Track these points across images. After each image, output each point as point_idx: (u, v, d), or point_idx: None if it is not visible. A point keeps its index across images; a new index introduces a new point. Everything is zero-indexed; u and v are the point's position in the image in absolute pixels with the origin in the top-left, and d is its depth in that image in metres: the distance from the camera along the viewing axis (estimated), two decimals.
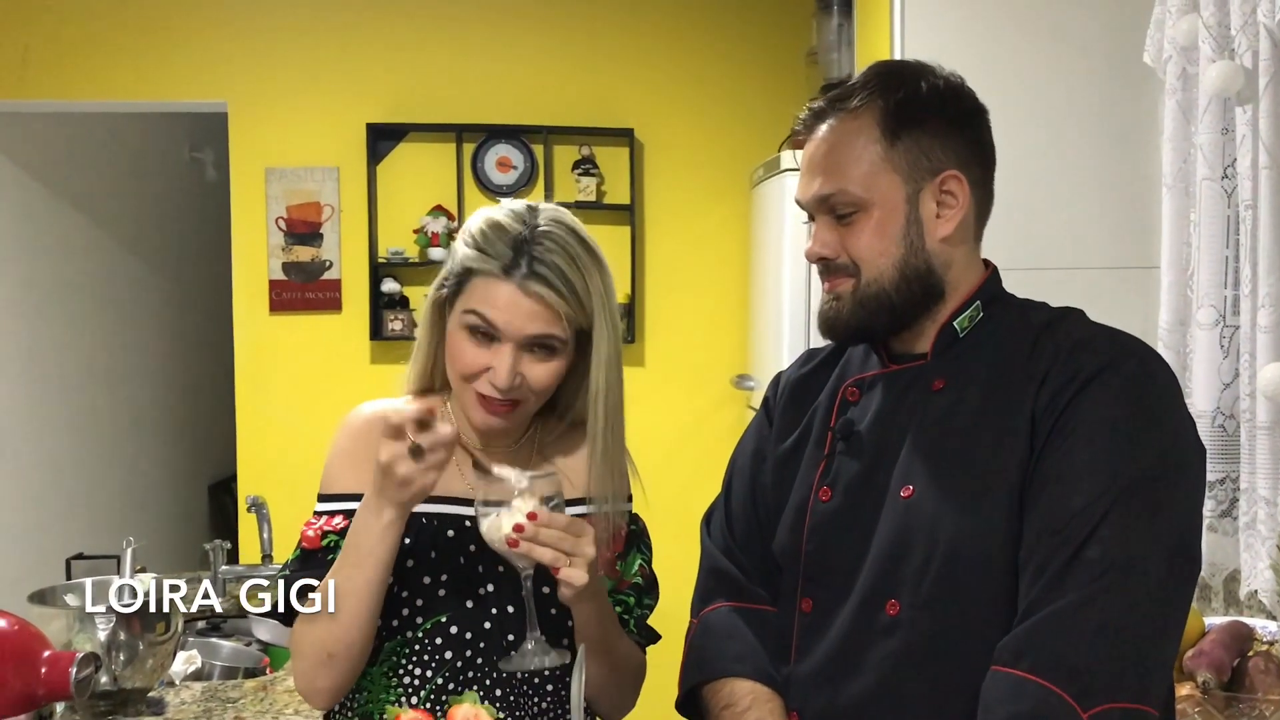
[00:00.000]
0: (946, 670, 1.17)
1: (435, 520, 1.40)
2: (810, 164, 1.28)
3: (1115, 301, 2.34)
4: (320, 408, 3.84)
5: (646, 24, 4.00)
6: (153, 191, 4.96)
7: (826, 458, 1.32)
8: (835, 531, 1.28)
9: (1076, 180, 2.47)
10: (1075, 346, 1.19)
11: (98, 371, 4.55)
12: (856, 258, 1.25)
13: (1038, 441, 1.16)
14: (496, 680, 1.40)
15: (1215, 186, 2.15)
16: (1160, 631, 1.11)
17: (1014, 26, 2.48)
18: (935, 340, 1.28)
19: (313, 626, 1.36)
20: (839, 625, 1.25)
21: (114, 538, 2.08)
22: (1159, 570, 1.10)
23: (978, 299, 1.28)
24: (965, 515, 1.17)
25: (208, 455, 5.28)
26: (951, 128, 1.26)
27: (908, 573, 1.19)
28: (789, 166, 3.03)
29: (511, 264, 1.35)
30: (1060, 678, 1.06)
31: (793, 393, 1.43)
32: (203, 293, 5.19)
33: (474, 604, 1.40)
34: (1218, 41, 2.10)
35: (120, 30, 3.89)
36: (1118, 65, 2.45)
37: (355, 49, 3.94)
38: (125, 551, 1.97)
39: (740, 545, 1.40)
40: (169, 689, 2.01)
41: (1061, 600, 1.08)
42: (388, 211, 3.93)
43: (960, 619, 1.17)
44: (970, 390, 1.23)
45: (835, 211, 1.25)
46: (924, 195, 1.24)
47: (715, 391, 3.95)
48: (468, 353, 1.37)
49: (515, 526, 1.23)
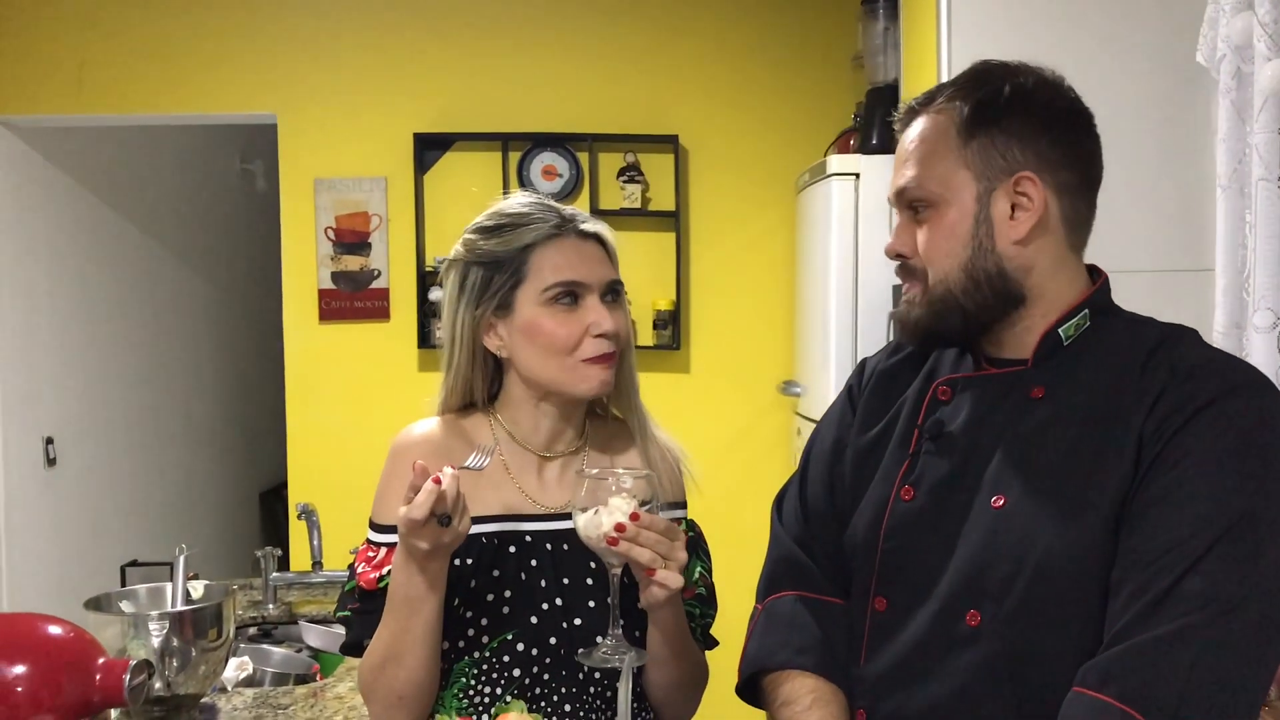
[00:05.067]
0: (1024, 687, 1.15)
1: (495, 539, 1.40)
2: (896, 160, 1.29)
3: (1169, 305, 2.28)
4: (369, 415, 3.89)
5: (690, 30, 4.00)
6: (204, 203, 5.03)
7: (912, 456, 1.29)
8: (916, 532, 1.25)
9: (1129, 182, 2.43)
10: (1192, 370, 1.15)
11: (151, 381, 4.62)
12: (925, 259, 1.25)
13: (1144, 464, 1.12)
14: (565, 696, 1.39)
15: (1272, 187, 2.11)
16: (1254, 671, 1.07)
17: (1062, 27, 2.45)
18: (1038, 347, 1.24)
19: (381, 674, 1.36)
20: (914, 629, 1.23)
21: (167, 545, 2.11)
22: (1258, 611, 1.06)
23: (1085, 308, 1.25)
24: (1059, 531, 1.14)
25: (259, 463, 5.35)
26: (1034, 129, 1.23)
27: (992, 584, 1.17)
28: (835, 171, 3.01)
29: (561, 222, 1.41)
30: (1146, 707, 1.03)
31: (879, 383, 1.40)
32: (253, 302, 5.26)
33: (539, 620, 1.40)
34: (1273, 39, 2.06)
35: (172, 44, 3.95)
36: (1170, 65, 2.41)
37: (401, 60, 3.98)
38: (178, 558, 1.99)
39: (813, 533, 1.38)
40: (221, 695, 2.04)
41: (1156, 630, 1.05)
42: (435, 220, 3.96)
43: (1044, 636, 1.14)
44: (1073, 402, 1.20)
45: (911, 207, 1.26)
46: (997, 195, 1.22)
47: (762, 398, 3.94)
48: (563, 325, 1.39)
49: (617, 526, 1.23)
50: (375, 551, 1.43)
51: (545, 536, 1.44)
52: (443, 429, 1.48)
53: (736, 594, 1.58)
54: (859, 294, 3.00)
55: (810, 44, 3.98)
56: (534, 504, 1.45)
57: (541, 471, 1.47)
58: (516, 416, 1.47)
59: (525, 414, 1.46)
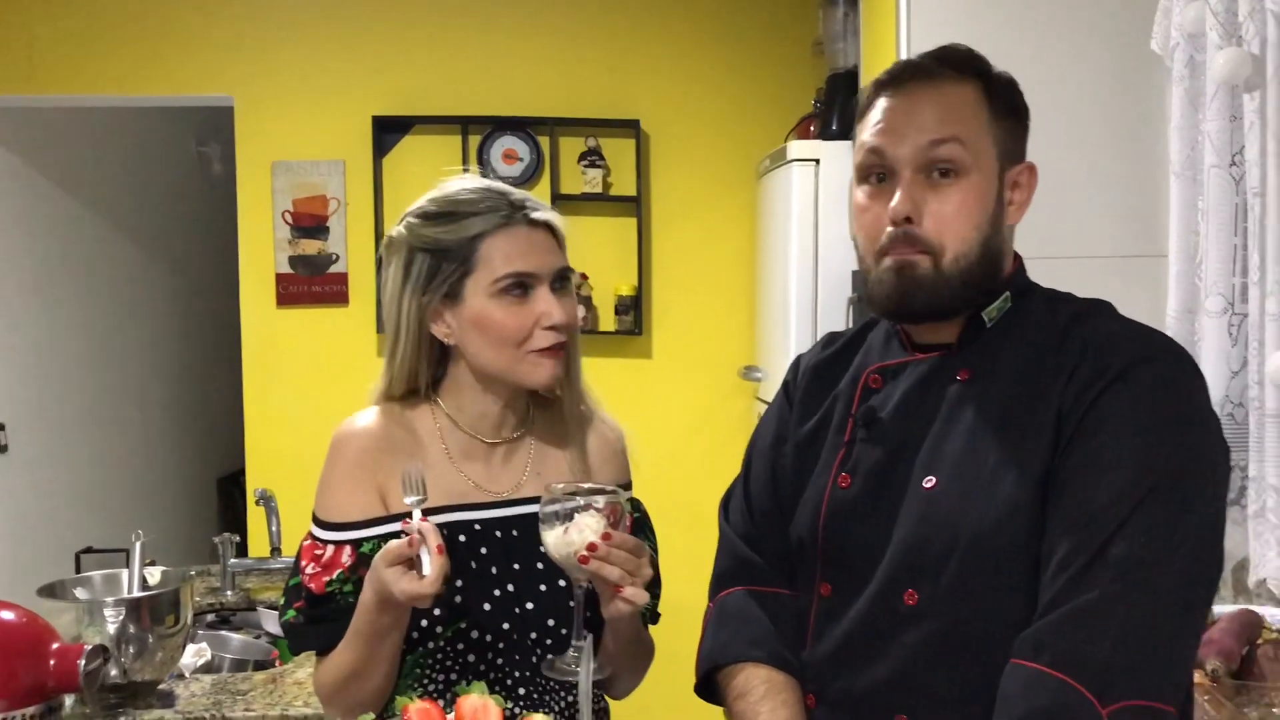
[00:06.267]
0: (965, 661, 1.17)
1: (445, 529, 1.38)
2: (909, 116, 1.22)
3: (1123, 290, 2.31)
4: (328, 401, 3.85)
5: (652, 14, 3.99)
6: (160, 186, 4.97)
7: (847, 445, 1.31)
8: (854, 518, 1.27)
9: (1084, 168, 2.46)
10: (1105, 342, 1.18)
11: (106, 366, 4.56)
12: (944, 230, 1.20)
13: (1064, 436, 1.15)
14: (519, 679, 1.40)
15: (1223, 174, 2.14)
16: (1182, 631, 1.10)
17: (1019, 15, 2.47)
18: (963, 330, 1.26)
19: (343, 690, 1.37)
20: (856, 611, 1.25)
21: (123, 531, 2.08)
22: (1183, 571, 1.09)
23: (1007, 290, 1.27)
24: (989, 508, 1.16)
25: (216, 449, 5.30)
26: (1024, 122, 1.28)
27: (927, 563, 1.19)
28: (795, 157, 3.02)
29: (511, 211, 1.39)
30: (1081, 674, 1.05)
31: (813, 376, 1.42)
32: (210, 287, 5.20)
33: (492, 606, 1.40)
34: (1225, 28, 2.09)
35: (126, 24, 3.89)
36: (1124, 53, 2.44)
37: (360, 42, 3.94)
38: (134, 545, 1.97)
39: (759, 529, 1.40)
40: (179, 681, 2.02)
41: (1084, 597, 1.08)
42: (394, 204, 3.93)
43: (979, 611, 1.16)
44: (997, 382, 1.22)
45: (935, 166, 1.21)
46: (1007, 179, 1.25)
47: (723, 383, 3.95)
48: (513, 317, 1.38)
49: (589, 545, 1.23)
50: (322, 549, 1.41)
51: (494, 524, 1.43)
52: (385, 419, 1.46)
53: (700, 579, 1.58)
54: (819, 279, 3.01)
55: (771, 30, 3.98)
56: (481, 491, 1.44)
57: (488, 458, 1.46)
58: (461, 403, 1.46)
59: (470, 400, 1.45)
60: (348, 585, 1.39)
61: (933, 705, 1.19)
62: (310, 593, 1.40)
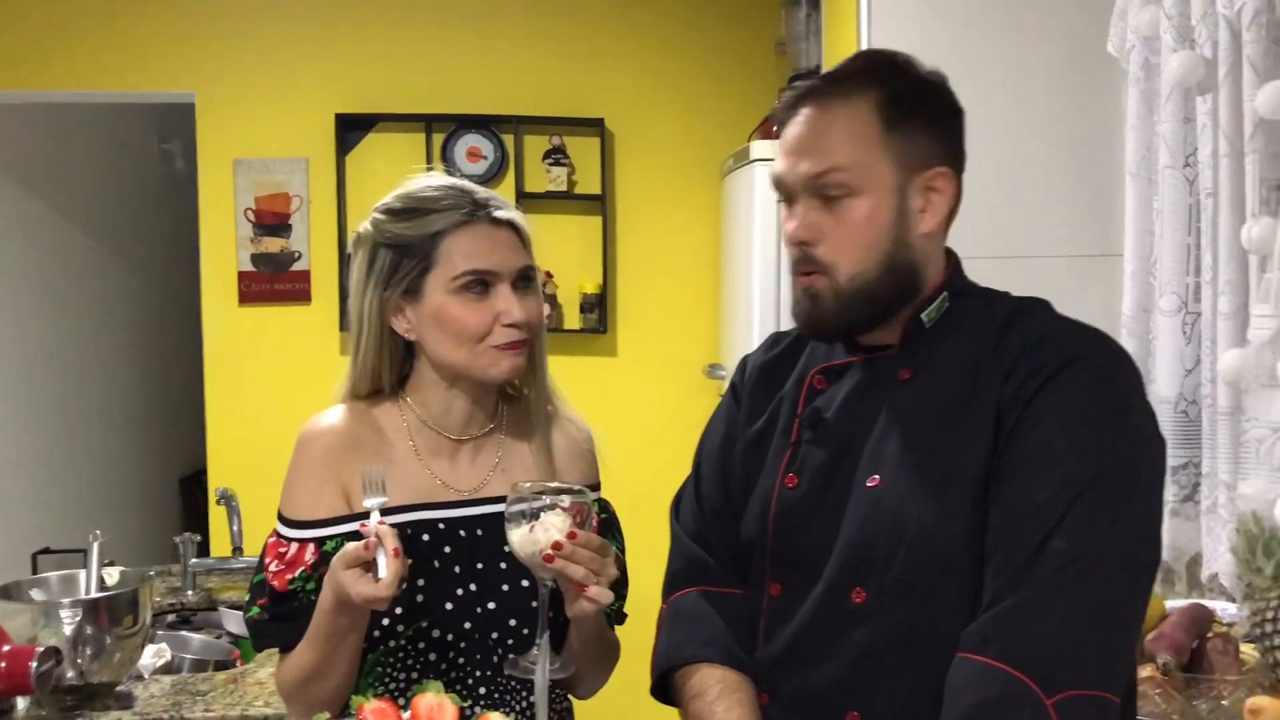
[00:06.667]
0: (914, 657, 1.18)
1: (409, 528, 1.39)
2: (799, 142, 1.25)
3: (1079, 289, 2.36)
4: (290, 399, 3.83)
5: (616, 13, 3.99)
6: (121, 183, 4.92)
7: (794, 445, 1.32)
8: (801, 518, 1.29)
9: (1042, 169, 2.49)
10: (1041, 340, 1.20)
11: (65, 364, 4.51)
12: (840, 250, 1.23)
13: (1003, 433, 1.17)
14: (480, 679, 1.40)
15: (1177, 175, 2.17)
16: (1123, 621, 1.13)
17: (979, 17, 2.49)
18: (903, 331, 1.28)
19: (305, 688, 1.37)
20: (806, 611, 1.26)
21: (83, 532, 2.06)
22: (1122, 562, 1.11)
23: (944, 290, 1.28)
24: (931, 505, 1.18)
25: (179, 448, 5.25)
26: (940, 123, 1.26)
27: (874, 561, 1.20)
28: (759, 156, 3.04)
29: (474, 209, 1.39)
30: (1026, 665, 1.07)
31: (759, 377, 1.43)
32: (172, 285, 5.15)
33: (454, 605, 1.39)
34: (1179, 31, 2.12)
35: (86, 20, 3.85)
36: (1082, 55, 2.46)
37: (323, 39, 3.92)
38: (92, 545, 1.95)
39: (710, 529, 1.41)
40: (137, 683, 2.01)
41: (1026, 591, 1.10)
42: (357, 202, 3.91)
43: (926, 608, 1.18)
44: (937, 381, 1.24)
45: (823, 193, 1.23)
46: (911, 188, 1.24)
47: (688, 381, 3.96)
48: (472, 314, 1.38)
49: (554, 544, 1.23)
50: (286, 547, 1.41)
51: (458, 523, 1.43)
52: (351, 418, 1.45)
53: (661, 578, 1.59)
54: (782, 278, 3.03)
55: (734, 31, 3.99)
56: (447, 488, 1.44)
57: (454, 455, 1.46)
58: (428, 400, 1.45)
59: (436, 397, 1.45)
60: (310, 584, 1.38)
61: (884, 703, 1.20)
62: (274, 590, 1.40)
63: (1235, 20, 1.94)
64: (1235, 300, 1.97)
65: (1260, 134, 1.88)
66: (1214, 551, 2.05)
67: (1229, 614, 1.87)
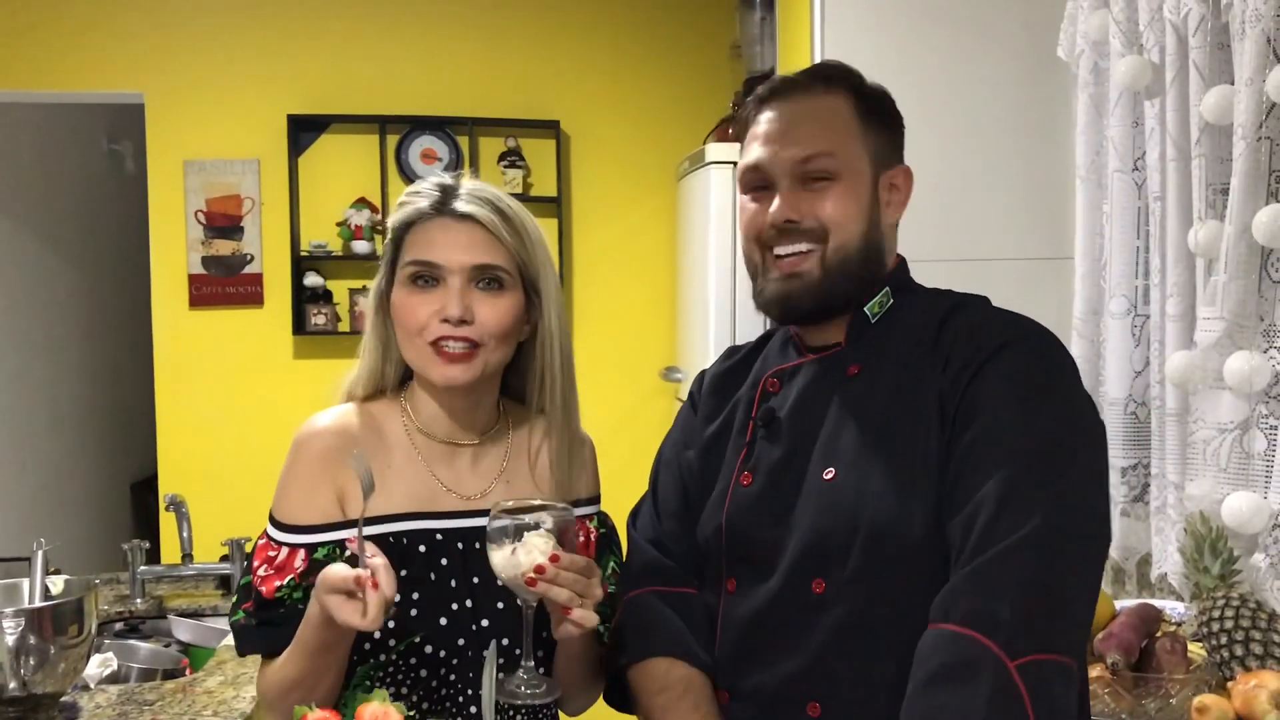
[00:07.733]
0: (874, 647, 1.20)
1: (405, 538, 1.36)
2: (780, 130, 1.31)
3: (1031, 292, 2.38)
4: (242, 404, 3.79)
5: (571, 16, 3.99)
6: (69, 184, 4.84)
7: (749, 444, 1.35)
8: (756, 513, 1.30)
9: (992, 173, 2.51)
10: (974, 329, 1.24)
11: (12, 368, 4.43)
12: (826, 221, 1.28)
13: (946, 421, 1.20)
14: (471, 697, 1.37)
15: (1126, 178, 2.19)
16: (1079, 586, 1.15)
17: (931, 21, 2.51)
18: (849, 328, 1.32)
19: (287, 697, 1.32)
20: (763, 604, 1.27)
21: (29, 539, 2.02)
22: (1075, 529, 1.13)
23: (887, 286, 1.33)
24: (888, 495, 1.20)
25: (129, 454, 5.18)
26: (896, 129, 1.35)
27: (833, 551, 1.22)
28: (713, 159, 3.04)
29: (440, 202, 1.37)
30: (987, 629, 1.09)
31: (715, 385, 1.47)
32: (121, 287, 5.08)
33: (448, 621, 1.35)
34: (1127, 36, 2.15)
35: (33, 18, 3.79)
36: (1032, 60, 2.49)
37: (275, 38, 3.88)
38: (36, 553, 1.91)
39: (667, 533, 1.42)
40: (83, 693, 1.97)
41: (984, 562, 1.11)
42: (310, 204, 3.88)
43: (886, 596, 1.19)
44: (883, 374, 1.27)
45: (808, 177, 1.28)
46: (881, 182, 1.31)
47: (644, 384, 3.96)
48: (418, 306, 1.34)
49: (537, 567, 1.20)
50: (276, 551, 1.36)
51: (456, 535, 1.39)
52: (350, 418, 1.41)
53: None
54: (737, 280, 3.03)
55: (690, 32, 4.00)
56: (447, 494, 1.40)
57: (453, 460, 1.42)
58: (418, 404, 1.42)
59: (424, 401, 1.41)
60: (297, 592, 1.34)
61: (844, 692, 1.21)
62: (260, 595, 1.35)
63: (1181, 26, 1.96)
64: (1183, 303, 2.00)
65: (1206, 138, 1.91)
66: (1163, 551, 2.08)
67: (1177, 613, 1.90)
